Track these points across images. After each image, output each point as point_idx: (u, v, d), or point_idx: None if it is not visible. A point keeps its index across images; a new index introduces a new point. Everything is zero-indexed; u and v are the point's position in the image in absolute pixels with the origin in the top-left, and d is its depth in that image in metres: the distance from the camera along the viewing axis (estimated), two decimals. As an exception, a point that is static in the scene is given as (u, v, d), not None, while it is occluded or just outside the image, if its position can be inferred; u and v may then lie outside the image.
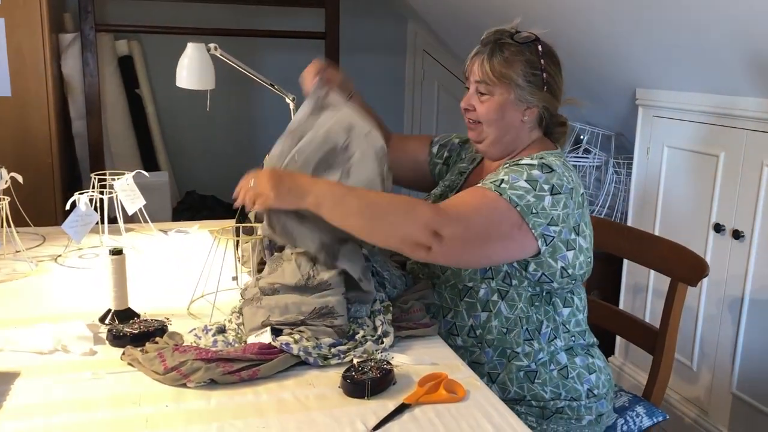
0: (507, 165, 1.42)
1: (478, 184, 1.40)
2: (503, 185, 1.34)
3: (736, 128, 2.13)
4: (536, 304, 1.44)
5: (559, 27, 1.49)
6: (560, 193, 1.36)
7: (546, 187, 1.35)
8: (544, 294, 1.44)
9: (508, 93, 1.42)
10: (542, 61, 1.42)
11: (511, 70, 1.41)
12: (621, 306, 2.69)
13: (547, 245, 1.35)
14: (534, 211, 1.33)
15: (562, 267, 1.38)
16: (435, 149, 1.72)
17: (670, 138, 2.42)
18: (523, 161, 1.41)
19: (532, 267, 1.38)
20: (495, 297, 1.42)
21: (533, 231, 1.33)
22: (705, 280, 2.23)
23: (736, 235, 2.13)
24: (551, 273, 1.38)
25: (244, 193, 1.35)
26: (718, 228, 2.20)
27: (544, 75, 1.43)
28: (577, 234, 1.39)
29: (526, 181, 1.35)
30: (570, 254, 1.38)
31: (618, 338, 2.77)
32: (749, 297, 2.13)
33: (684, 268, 1.64)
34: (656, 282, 2.51)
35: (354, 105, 1.51)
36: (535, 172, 1.36)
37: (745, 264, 2.12)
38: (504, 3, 2.65)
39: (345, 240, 1.37)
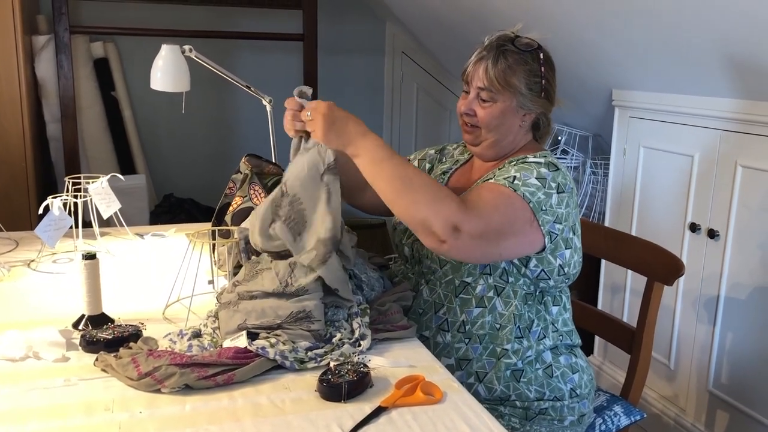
0: (513, 162, 1.44)
1: (489, 181, 1.41)
2: (516, 182, 1.37)
3: (710, 128, 2.16)
4: (529, 302, 1.45)
5: (535, 29, 1.50)
6: (564, 191, 1.39)
7: (553, 185, 1.38)
8: (537, 293, 1.46)
9: (510, 100, 1.44)
10: (542, 69, 1.45)
11: (515, 78, 1.42)
12: (599, 306, 2.71)
13: (551, 242, 1.37)
14: (543, 208, 1.35)
15: (560, 265, 1.40)
16: (414, 165, 1.72)
17: (646, 138, 2.44)
18: (530, 159, 1.43)
19: (533, 263, 1.40)
20: (491, 293, 1.44)
21: (542, 228, 1.35)
22: (681, 279, 2.26)
23: (712, 234, 2.16)
24: (550, 270, 1.40)
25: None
26: (694, 227, 2.22)
27: (543, 82, 1.45)
28: (574, 233, 1.41)
29: (536, 178, 1.37)
30: (567, 253, 1.40)
31: (597, 338, 2.78)
32: (724, 295, 2.15)
33: (660, 267, 1.66)
34: (634, 281, 2.53)
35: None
36: (543, 170, 1.39)
37: (721, 263, 2.14)
38: (480, 6, 2.66)
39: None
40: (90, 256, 1.37)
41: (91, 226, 1.95)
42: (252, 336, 1.26)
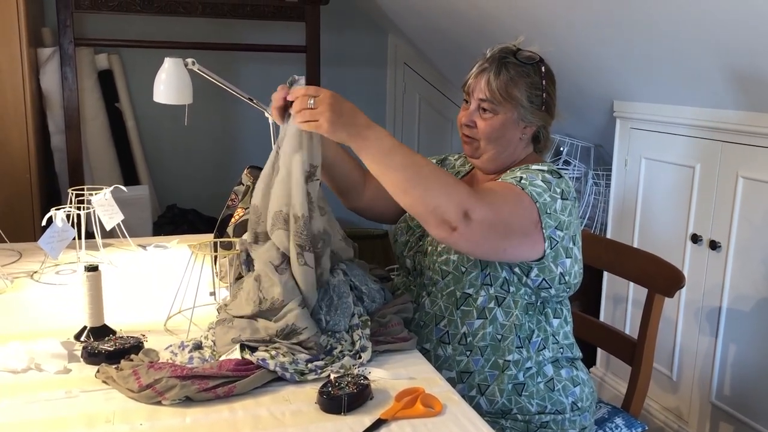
0: (517, 169, 1.45)
1: (498, 180, 1.41)
2: (523, 181, 1.37)
3: (711, 140, 2.16)
4: (530, 312, 1.45)
5: (536, 41, 1.51)
6: (567, 199, 1.40)
7: (558, 190, 1.39)
8: (538, 303, 1.46)
9: (511, 112, 1.45)
10: (544, 82, 1.45)
11: (516, 90, 1.43)
12: (602, 317, 2.70)
13: (551, 249, 1.37)
14: (548, 211, 1.36)
15: (561, 273, 1.40)
16: None
17: (648, 150, 2.44)
18: (533, 166, 1.44)
19: (534, 273, 1.40)
20: (492, 304, 1.44)
21: (544, 231, 1.35)
22: (683, 291, 2.26)
23: (713, 245, 2.16)
24: (551, 278, 1.40)
25: (300, 110, 1.28)
26: (696, 239, 2.22)
27: (544, 95, 1.46)
28: (574, 244, 1.41)
29: (541, 181, 1.38)
30: (568, 261, 1.40)
31: (599, 349, 2.78)
32: (726, 307, 2.15)
33: (661, 279, 1.66)
34: (636, 293, 2.53)
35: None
36: (548, 176, 1.40)
37: (722, 274, 2.14)
38: (481, 17, 2.68)
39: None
40: (92, 268, 1.38)
41: (94, 238, 1.96)
42: (252, 348, 1.26)
